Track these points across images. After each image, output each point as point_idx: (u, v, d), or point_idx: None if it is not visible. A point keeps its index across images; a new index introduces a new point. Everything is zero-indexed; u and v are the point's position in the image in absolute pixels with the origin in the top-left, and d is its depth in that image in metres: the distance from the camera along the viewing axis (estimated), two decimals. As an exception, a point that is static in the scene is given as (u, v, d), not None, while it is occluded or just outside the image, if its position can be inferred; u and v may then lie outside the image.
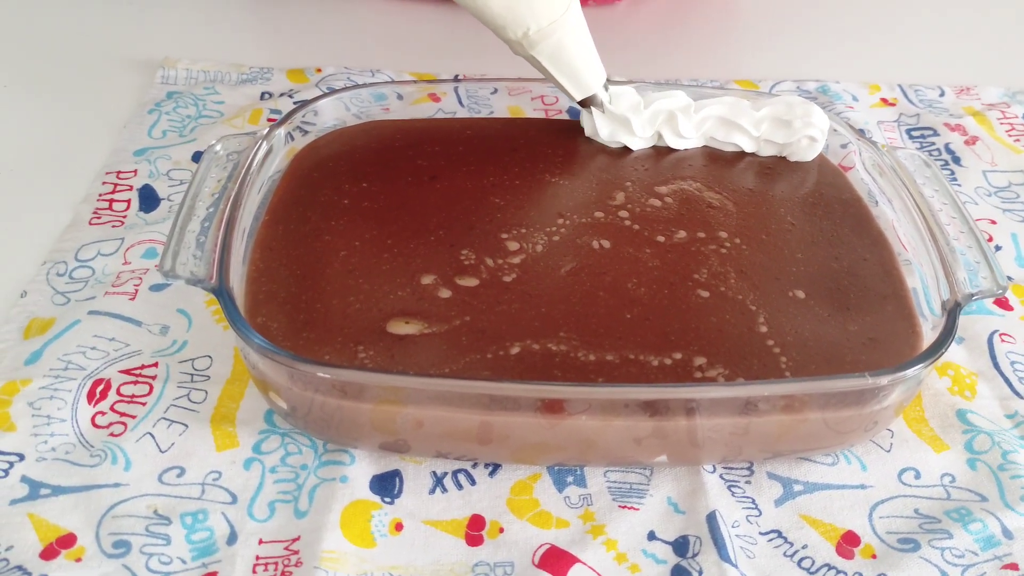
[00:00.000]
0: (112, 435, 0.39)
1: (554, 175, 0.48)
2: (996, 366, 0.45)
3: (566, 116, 0.54)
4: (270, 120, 0.57)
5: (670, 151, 0.50)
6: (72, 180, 0.52)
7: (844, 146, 0.50)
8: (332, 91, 0.50)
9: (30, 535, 0.36)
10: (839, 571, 0.37)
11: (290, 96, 0.59)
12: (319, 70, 0.62)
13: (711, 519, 0.38)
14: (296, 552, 0.36)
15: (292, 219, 0.44)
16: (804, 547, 0.38)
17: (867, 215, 0.47)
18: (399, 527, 0.38)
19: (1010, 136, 0.60)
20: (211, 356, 0.43)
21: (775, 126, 0.49)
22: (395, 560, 0.37)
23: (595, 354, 0.38)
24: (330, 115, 0.50)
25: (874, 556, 0.37)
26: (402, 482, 0.39)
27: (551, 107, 0.55)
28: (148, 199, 0.51)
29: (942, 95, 0.64)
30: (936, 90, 0.64)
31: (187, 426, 0.40)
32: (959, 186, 0.56)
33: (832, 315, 0.41)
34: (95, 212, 0.50)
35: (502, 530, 0.38)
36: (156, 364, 0.42)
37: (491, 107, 0.54)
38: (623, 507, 0.39)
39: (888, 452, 0.41)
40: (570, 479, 0.40)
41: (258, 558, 0.36)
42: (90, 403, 0.40)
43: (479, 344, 0.38)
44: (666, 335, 0.39)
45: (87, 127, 0.57)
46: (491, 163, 0.48)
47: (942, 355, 0.37)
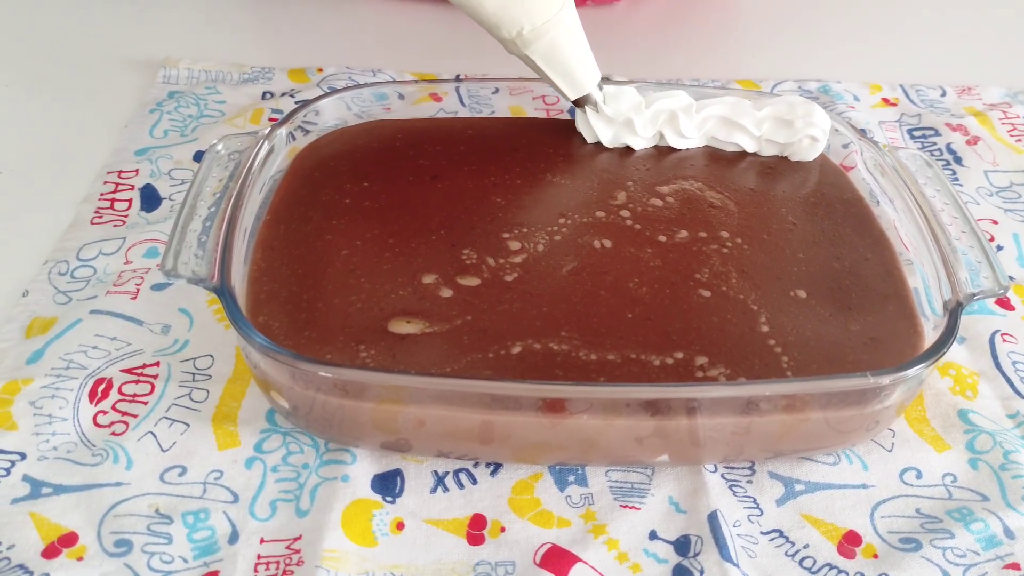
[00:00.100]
0: (114, 434, 0.39)
1: (555, 175, 0.48)
2: (998, 366, 0.45)
3: (567, 116, 0.54)
4: (271, 120, 0.57)
5: (672, 151, 0.50)
6: (74, 179, 0.52)
7: (846, 146, 0.50)
8: (333, 91, 0.50)
9: (32, 534, 0.36)
10: (840, 571, 0.37)
11: (291, 96, 0.59)
12: (320, 70, 0.62)
13: (712, 518, 0.38)
14: (298, 551, 0.36)
15: (294, 218, 0.44)
16: (805, 547, 0.38)
17: (869, 215, 0.47)
18: (400, 526, 0.38)
19: (1012, 136, 0.60)
20: (213, 355, 0.43)
21: (777, 126, 0.49)
22: (396, 559, 0.37)
23: (596, 353, 0.38)
24: (331, 115, 0.50)
25: (876, 556, 0.37)
26: (403, 481, 0.39)
27: (552, 107, 0.55)
28: (150, 198, 0.51)
29: (943, 95, 0.64)
30: (937, 90, 0.64)
31: (189, 425, 0.40)
32: (961, 186, 0.56)
33: (834, 315, 0.41)
34: (97, 211, 0.50)
35: (503, 529, 0.38)
36: (158, 363, 0.42)
37: (492, 107, 0.54)
38: (624, 506, 0.39)
39: (890, 452, 0.41)
40: (571, 478, 0.40)
41: (260, 557, 0.36)
42: (92, 402, 0.40)
43: (481, 343, 0.38)
44: (668, 335, 0.39)
45: (88, 127, 0.57)
46: (492, 163, 0.48)
47: (944, 355, 0.37)
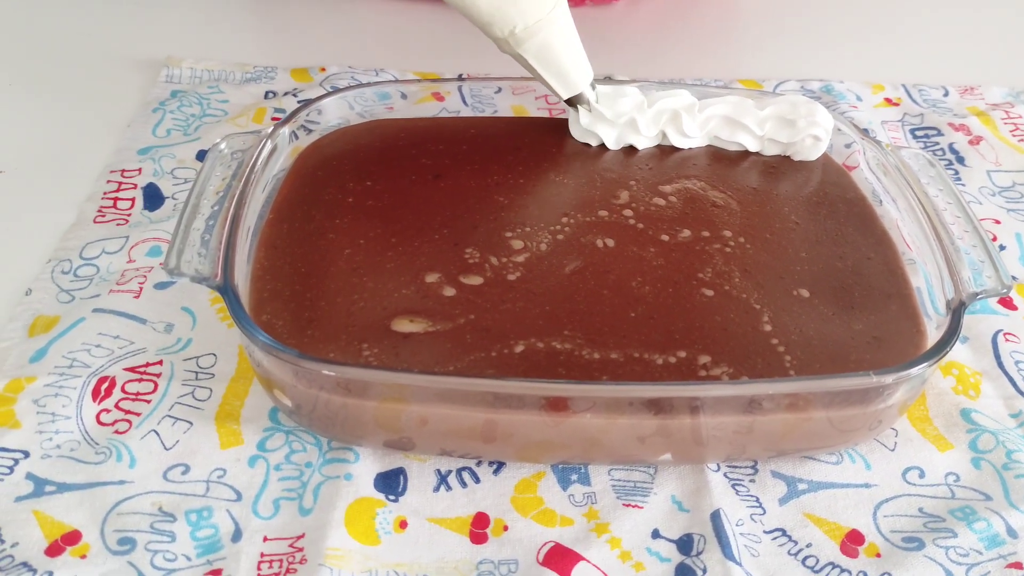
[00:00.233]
0: (117, 432, 0.40)
1: (558, 174, 0.48)
2: (1000, 365, 0.45)
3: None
4: (274, 119, 0.57)
5: (674, 150, 0.50)
6: (76, 179, 0.52)
7: (848, 145, 0.50)
8: (336, 90, 0.50)
9: (35, 532, 0.36)
10: (843, 570, 0.37)
11: (294, 95, 0.59)
12: (323, 69, 0.62)
13: (715, 517, 0.38)
14: (301, 549, 0.36)
15: (296, 217, 0.44)
16: (808, 546, 0.38)
17: (871, 214, 0.47)
18: (403, 525, 0.38)
19: (1014, 136, 0.60)
20: (215, 354, 0.43)
21: (779, 125, 0.49)
22: (399, 558, 0.37)
23: (599, 352, 0.38)
24: (334, 114, 0.50)
25: (878, 555, 0.37)
26: (406, 480, 0.39)
27: (555, 106, 0.55)
28: (152, 197, 0.51)
29: (946, 95, 0.64)
30: (940, 90, 0.64)
31: (192, 424, 0.40)
32: (963, 186, 0.56)
33: (836, 314, 0.41)
34: (100, 210, 0.50)
35: (506, 528, 0.38)
36: (161, 362, 0.42)
37: (495, 106, 0.54)
38: (627, 505, 0.39)
39: (892, 451, 0.41)
40: (574, 477, 0.40)
41: (263, 555, 0.36)
42: (95, 400, 0.41)
43: (483, 342, 0.38)
44: (670, 333, 0.39)
45: (91, 126, 0.57)
46: (495, 162, 0.48)
47: (946, 354, 0.37)
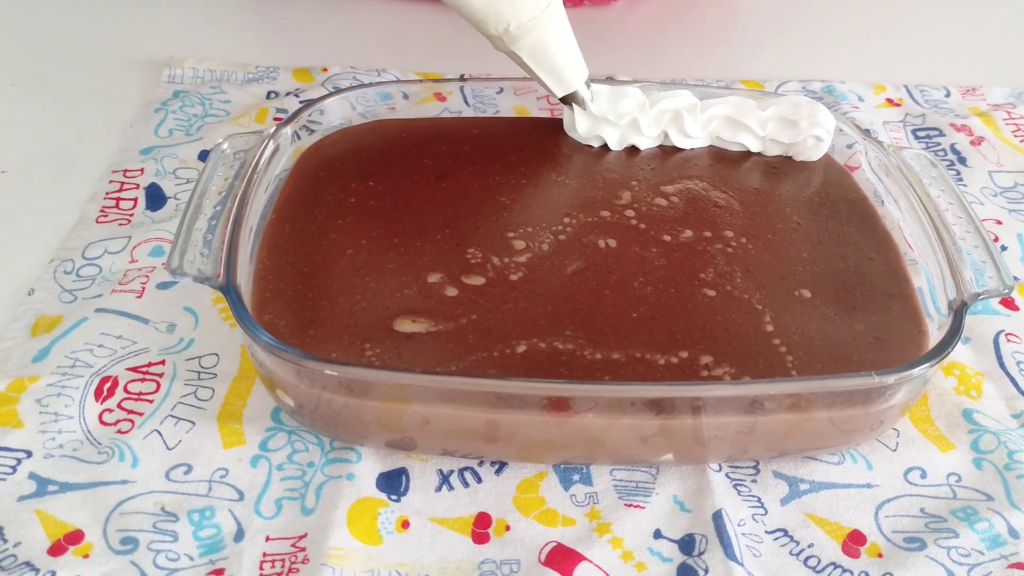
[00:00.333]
0: (119, 432, 0.40)
1: (560, 174, 0.48)
2: (1002, 366, 0.45)
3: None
4: (276, 119, 0.57)
5: (676, 150, 0.50)
6: (79, 179, 0.52)
7: (850, 146, 0.50)
8: (338, 90, 0.50)
9: (38, 531, 0.36)
10: (845, 570, 0.37)
11: (296, 95, 0.59)
12: (325, 69, 0.62)
13: (717, 518, 0.38)
14: (303, 549, 0.36)
15: (299, 218, 0.44)
16: (810, 546, 0.38)
17: (873, 215, 0.47)
18: (406, 525, 0.38)
19: (1016, 136, 0.60)
20: (218, 354, 0.43)
21: (781, 126, 0.49)
22: (402, 557, 0.37)
23: (601, 352, 0.38)
24: (336, 114, 0.50)
25: (880, 555, 0.37)
26: (408, 480, 0.39)
27: (556, 107, 0.55)
28: (155, 197, 0.51)
29: (948, 95, 0.64)
30: (942, 90, 0.64)
31: (194, 423, 0.40)
32: (965, 186, 0.56)
33: (838, 314, 0.41)
34: (102, 210, 0.50)
35: (508, 528, 0.38)
36: (163, 362, 0.42)
37: (497, 106, 0.54)
38: (629, 505, 0.39)
39: (894, 451, 0.41)
40: (576, 477, 0.40)
41: (265, 555, 0.36)
42: (97, 400, 0.41)
43: (486, 342, 0.38)
44: (672, 334, 0.39)
45: (93, 126, 0.57)
46: (497, 162, 0.48)
47: (948, 355, 0.37)
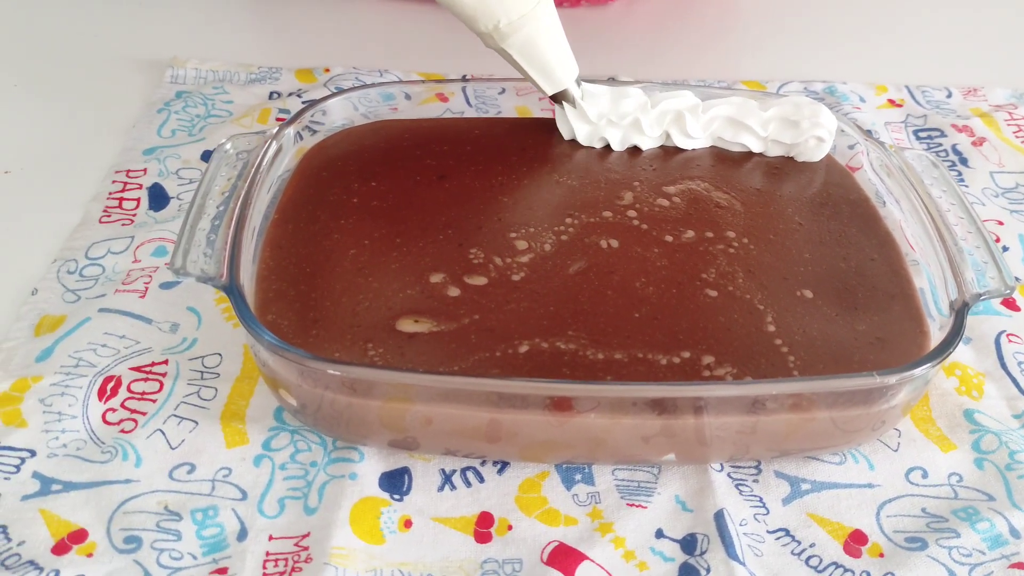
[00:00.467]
0: (123, 432, 0.40)
1: (562, 175, 0.48)
2: (1003, 366, 0.45)
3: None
4: (279, 119, 0.57)
5: (678, 151, 0.50)
6: (82, 179, 0.53)
7: (852, 147, 0.50)
8: (341, 91, 0.50)
9: (42, 530, 0.36)
10: (846, 570, 0.37)
11: (298, 96, 0.59)
12: (327, 70, 0.62)
13: (719, 517, 0.38)
14: (306, 548, 0.36)
15: (302, 218, 0.44)
16: (812, 545, 0.38)
17: (875, 215, 0.47)
18: (408, 524, 0.38)
19: (1017, 137, 0.60)
20: (221, 354, 0.43)
21: (783, 126, 0.49)
22: (404, 557, 0.37)
23: (604, 353, 0.38)
24: (339, 115, 0.50)
25: (881, 555, 0.38)
26: (411, 479, 0.39)
27: (559, 107, 0.55)
28: (158, 198, 0.51)
29: (949, 96, 0.64)
30: (943, 91, 0.64)
31: (197, 423, 0.40)
32: (966, 187, 0.56)
33: (840, 315, 0.41)
34: (105, 210, 0.50)
35: (511, 527, 0.38)
36: (166, 361, 0.43)
37: (499, 107, 0.54)
38: (631, 505, 0.39)
39: (895, 451, 0.41)
40: (578, 477, 0.40)
41: (268, 554, 0.36)
42: (101, 400, 0.41)
43: (488, 342, 0.38)
44: (674, 334, 0.39)
45: (97, 126, 0.57)
46: (499, 162, 0.48)
47: (950, 355, 0.37)
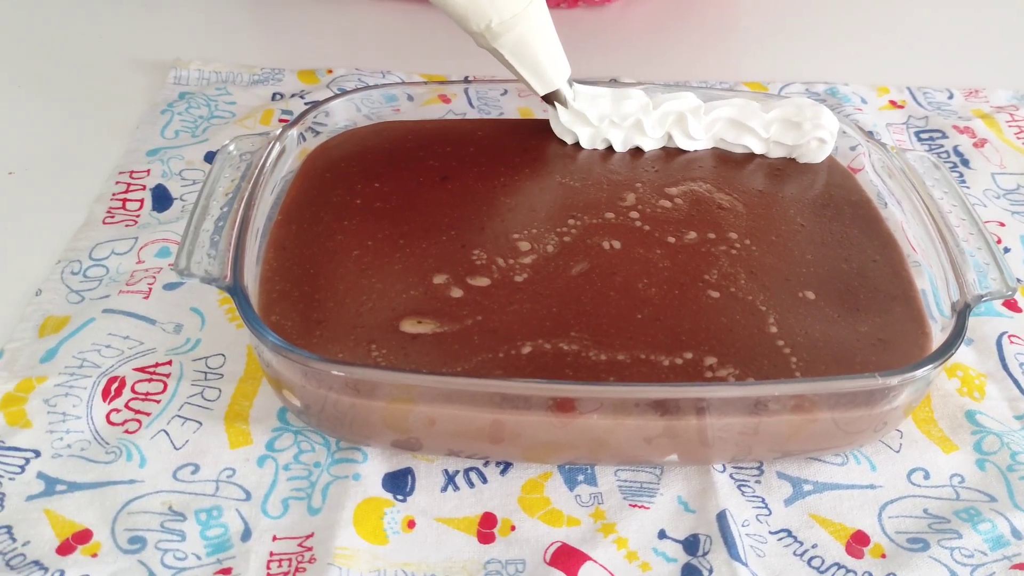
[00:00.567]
0: (127, 432, 0.40)
1: (564, 176, 0.48)
2: (1005, 367, 0.45)
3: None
4: (282, 121, 0.57)
5: (680, 152, 0.50)
6: (85, 180, 0.53)
7: (853, 148, 0.50)
8: (343, 92, 0.51)
9: (46, 531, 0.37)
10: (849, 570, 0.37)
11: (301, 97, 0.59)
12: (330, 71, 0.62)
13: (721, 518, 0.38)
14: (310, 548, 0.37)
15: (305, 219, 0.44)
16: (814, 546, 0.38)
17: (876, 217, 0.47)
18: (411, 524, 0.38)
19: (1019, 139, 0.60)
20: (224, 354, 0.43)
21: (785, 128, 0.49)
22: (408, 557, 0.37)
23: (606, 354, 0.38)
24: (342, 116, 0.50)
25: (883, 556, 0.38)
26: (414, 480, 0.39)
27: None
28: (161, 199, 0.52)
29: (951, 98, 0.64)
30: (945, 92, 0.64)
31: (201, 424, 0.40)
32: (968, 188, 0.56)
33: (842, 316, 0.41)
34: (109, 211, 0.51)
35: (513, 528, 0.38)
36: (170, 362, 0.43)
37: (501, 108, 0.54)
38: (633, 506, 0.39)
39: (897, 452, 0.41)
40: (581, 478, 0.40)
41: (272, 554, 0.36)
42: (105, 400, 0.41)
43: (491, 343, 0.38)
44: (677, 335, 0.39)
45: (100, 127, 0.57)
46: (502, 164, 0.48)
47: (951, 356, 0.37)
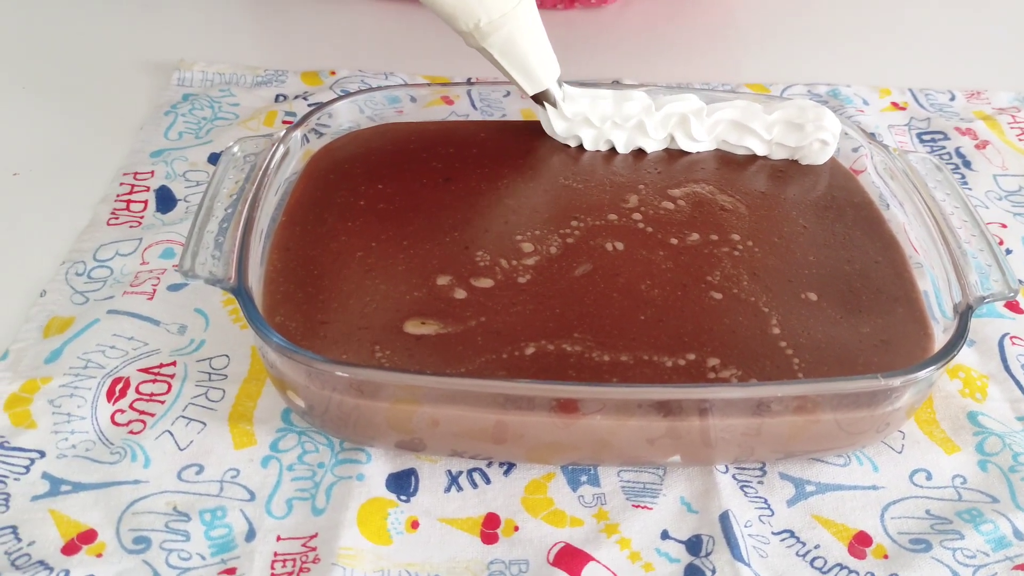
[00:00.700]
0: (131, 433, 0.40)
1: (567, 178, 0.48)
2: (1007, 369, 0.45)
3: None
4: (285, 122, 0.57)
5: (682, 154, 0.50)
6: (90, 181, 0.53)
7: (856, 150, 0.50)
8: (347, 94, 0.51)
9: (51, 531, 0.37)
10: (851, 571, 0.37)
11: (304, 98, 0.60)
12: (333, 73, 0.62)
13: (724, 519, 0.38)
14: (314, 549, 0.37)
15: (309, 220, 0.44)
16: (816, 547, 0.38)
17: (879, 218, 0.47)
18: (415, 525, 0.38)
19: (1020, 140, 0.60)
20: (228, 355, 0.43)
21: (787, 129, 0.49)
22: (411, 557, 0.37)
23: (609, 355, 0.38)
24: (345, 117, 0.50)
25: (886, 556, 0.38)
26: (418, 480, 0.40)
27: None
28: (165, 200, 0.52)
29: (952, 99, 0.64)
30: (946, 94, 0.64)
31: (205, 424, 0.41)
32: (969, 190, 0.56)
33: (844, 317, 0.41)
34: (113, 212, 0.51)
35: (517, 528, 0.38)
36: (174, 363, 0.43)
37: (504, 110, 0.54)
38: (636, 506, 0.39)
39: (900, 453, 0.41)
40: (584, 478, 0.40)
41: (276, 554, 0.36)
42: (110, 401, 0.41)
43: (494, 344, 0.39)
44: (680, 336, 0.39)
45: (104, 129, 0.57)
46: (505, 165, 0.48)
47: (954, 357, 0.37)
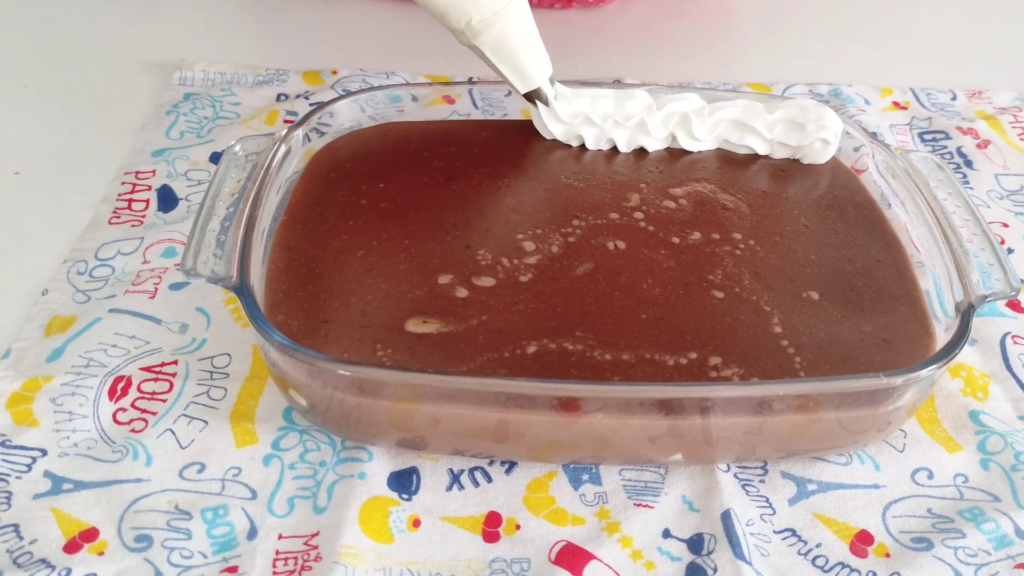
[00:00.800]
0: (133, 431, 0.40)
1: (569, 177, 0.48)
2: (1008, 368, 0.45)
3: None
4: (287, 121, 0.57)
5: (684, 153, 0.50)
6: (91, 180, 0.53)
7: (857, 149, 0.50)
8: (348, 93, 0.51)
9: (53, 529, 0.37)
10: (853, 570, 0.37)
11: (306, 98, 0.60)
12: (334, 72, 0.62)
13: (725, 517, 0.38)
14: (315, 547, 0.37)
15: (311, 219, 0.44)
16: (818, 546, 0.38)
17: (880, 217, 0.47)
18: (417, 523, 0.38)
19: (1022, 140, 0.60)
20: (230, 354, 0.43)
21: (788, 129, 0.49)
22: (413, 556, 0.37)
23: (611, 353, 0.38)
24: (346, 117, 0.50)
25: (887, 555, 0.38)
26: (419, 479, 0.40)
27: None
28: (167, 199, 0.52)
29: (954, 99, 0.64)
30: (948, 94, 0.64)
31: (207, 423, 0.41)
32: (971, 189, 0.56)
33: (846, 316, 0.41)
34: (114, 212, 0.51)
35: (518, 527, 0.38)
36: (176, 362, 0.43)
37: (505, 109, 0.54)
38: (638, 505, 0.39)
39: (901, 452, 0.41)
40: (585, 477, 0.40)
41: (278, 553, 0.37)
42: (111, 400, 0.41)
43: (496, 343, 0.39)
44: (681, 335, 0.39)
45: (106, 128, 0.58)
46: (506, 164, 0.48)
47: (955, 356, 0.37)
